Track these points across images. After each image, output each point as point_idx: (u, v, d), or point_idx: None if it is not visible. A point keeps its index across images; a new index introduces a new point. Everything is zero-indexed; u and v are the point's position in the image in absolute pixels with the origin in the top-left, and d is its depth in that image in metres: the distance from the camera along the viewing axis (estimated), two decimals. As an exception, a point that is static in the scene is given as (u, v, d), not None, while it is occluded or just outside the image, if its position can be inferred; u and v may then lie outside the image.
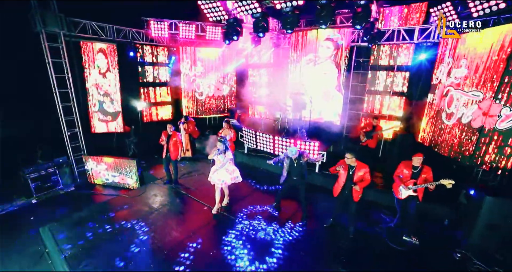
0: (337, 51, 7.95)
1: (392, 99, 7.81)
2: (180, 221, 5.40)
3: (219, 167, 5.25)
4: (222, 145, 5.14)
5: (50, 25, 6.79)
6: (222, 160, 5.20)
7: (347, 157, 4.62)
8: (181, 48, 9.91)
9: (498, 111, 5.26)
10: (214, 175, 5.34)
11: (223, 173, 5.30)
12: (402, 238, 4.90)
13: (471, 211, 4.89)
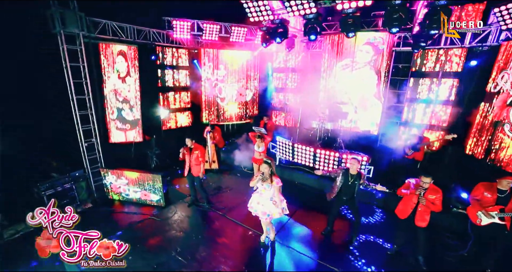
0: (377, 56, 7.34)
1: (437, 108, 7.23)
2: (226, 251, 4.69)
3: (264, 198, 4.32)
4: (268, 169, 4.17)
5: (70, 25, 5.99)
6: (268, 190, 4.25)
7: (424, 181, 4.00)
8: (203, 50, 9.17)
9: None
10: (258, 207, 4.39)
11: (269, 205, 4.32)
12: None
13: None
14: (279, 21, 5.85)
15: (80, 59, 6.49)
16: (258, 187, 4.35)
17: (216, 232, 5.25)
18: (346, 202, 4.74)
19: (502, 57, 6.13)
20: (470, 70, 6.57)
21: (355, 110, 6.98)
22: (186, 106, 9.56)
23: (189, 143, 5.62)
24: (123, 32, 7.24)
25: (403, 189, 4.29)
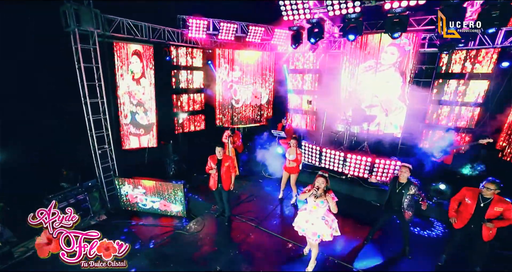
0: (402, 57, 7.06)
1: (464, 109, 7.03)
2: (269, 267, 4.27)
3: (314, 216, 3.81)
4: (324, 183, 3.65)
5: (85, 23, 5.39)
6: (322, 207, 3.71)
7: (488, 187, 3.68)
8: (218, 50, 8.66)
9: None
10: (307, 226, 3.88)
11: (321, 225, 3.79)
12: None
13: None
14: (316, 21, 5.44)
15: (94, 59, 5.88)
16: (308, 203, 3.87)
17: (252, 246, 4.79)
18: (395, 212, 4.40)
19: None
20: (502, 71, 6.36)
21: (386, 113, 6.69)
22: (200, 108, 9.04)
23: (219, 153, 4.93)
24: (138, 30, 6.66)
25: (456, 199, 4.00)
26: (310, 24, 5.61)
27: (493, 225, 3.62)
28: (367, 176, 4.78)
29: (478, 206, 3.76)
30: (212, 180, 5.10)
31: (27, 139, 5.76)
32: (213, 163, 4.97)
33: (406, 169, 4.23)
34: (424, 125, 7.37)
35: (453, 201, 4.06)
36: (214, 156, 4.99)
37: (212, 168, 4.97)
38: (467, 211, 3.83)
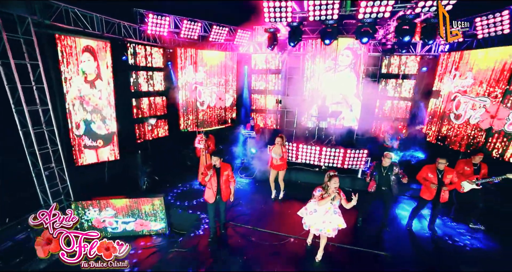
0: (356, 60, 7.74)
1: (400, 103, 8.19)
2: (283, 267, 3.98)
3: (330, 214, 3.80)
4: (338, 183, 3.66)
5: (13, 5, 3.90)
6: (336, 204, 3.78)
7: (441, 162, 4.37)
8: (180, 50, 7.73)
9: (506, 115, 6.07)
10: (326, 225, 3.82)
11: (336, 218, 3.81)
12: (469, 225, 5.05)
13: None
14: (296, 24, 5.33)
15: (27, 54, 4.33)
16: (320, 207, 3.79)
17: (257, 247, 4.41)
18: (385, 192, 4.68)
19: (442, 65, 7.38)
20: (422, 73, 7.68)
21: (350, 108, 7.20)
22: (162, 113, 7.91)
23: (217, 163, 4.22)
24: (88, 22, 5.29)
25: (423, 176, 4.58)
26: (290, 28, 5.51)
27: (447, 188, 4.41)
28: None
29: (438, 177, 4.41)
30: (210, 192, 4.33)
31: None
32: (210, 170, 4.24)
33: (389, 155, 4.58)
34: (374, 117, 8.27)
35: (420, 178, 4.64)
36: (209, 166, 4.28)
37: (206, 175, 4.22)
38: (429, 184, 4.45)
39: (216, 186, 4.29)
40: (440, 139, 7.43)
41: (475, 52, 6.69)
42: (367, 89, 7.88)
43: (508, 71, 5.92)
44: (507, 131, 5.97)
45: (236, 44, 8.60)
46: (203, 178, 4.30)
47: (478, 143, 6.50)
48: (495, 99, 6.19)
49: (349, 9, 4.89)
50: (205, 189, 4.43)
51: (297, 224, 4.97)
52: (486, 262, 4.19)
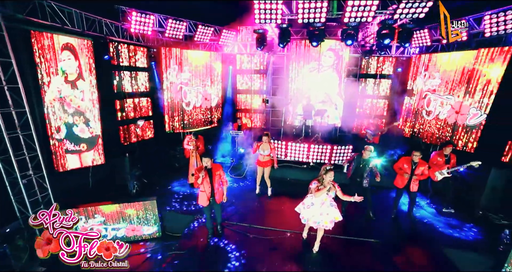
0: (338, 60, 8.03)
1: (378, 102, 8.67)
2: (282, 260, 4.03)
3: (326, 206, 3.94)
4: (332, 176, 3.81)
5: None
6: (331, 196, 3.94)
7: (416, 155, 4.75)
8: (165, 49, 7.44)
9: (467, 111, 6.72)
10: (324, 217, 3.94)
11: (333, 210, 3.97)
12: (443, 209, 5.54)
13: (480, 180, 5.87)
14: (286, 26, 5.38)
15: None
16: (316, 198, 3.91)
17: (256, 244, 4.42)
18: (359, 183, 4.90)
19: (414, 66, 7.96)
20: (398, 73, 8.21)
21: (336, 107, 7.45)
22: (147, 114, 7.56)
23: (208, 164, 4.10)
24: (66, 18, 4.87)
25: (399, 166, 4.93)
26: (279, 29, 5.57)
27: (417, 178, 4.77)
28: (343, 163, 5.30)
29: (412, 168, 4.79)
30: (204, 195, 4.19)
31: None
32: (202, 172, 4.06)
33: (369, 148, 4.84)
34: (356, 115, 8.66)
35: (396, 167, 4.99)
36: (200, 168, 4.14)
37: (197, 177, 4.05)
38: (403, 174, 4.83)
39: (209, 188, 4.16)
40: (414, 134, 8.01)
41: (440, 55, 7.29)
42: (348, 88, 8.23)
43: (467, 73, 6.55)
44: (468, 125, 6.59)
45: (221, 44, 8.49)
46: (195, 181, 4.15)
47: (446, 137, 7.09)
48: (458, 97, 6.81)
49: (335, 13, 5.09)
50: (198, 193, 4.29)
51: (291, 219, 5.08)
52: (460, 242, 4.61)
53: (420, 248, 4.42)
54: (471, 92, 6.51)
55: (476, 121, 6.42)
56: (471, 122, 6.57)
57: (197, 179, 4.10)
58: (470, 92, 6.52)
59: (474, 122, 6.49)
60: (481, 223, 5.15)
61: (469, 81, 6.58)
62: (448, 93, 7.12)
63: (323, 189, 3.81)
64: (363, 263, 4.05)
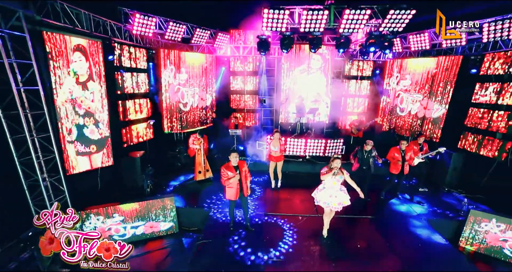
0: (325, 63, 8.91)
1: (360, 100, 9.78)
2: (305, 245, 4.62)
3: (335, 190, 4.38)
4: (340, 163, 4.27)
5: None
6: (340, 181, 4.36)
7: (403, 143, 5.73)
8: (163, 51, 7.57)
9: (432, 106, 8.08)
10: (332, 200, 4.38)
11: (341, 195, 4.41)
12: (419, 189, 6.64)
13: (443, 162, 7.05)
14: (290, 34, 6.00)
15: (12, 52, 3.86)
16: (327, 183, 4.43)
17: (279, 228, 4.96)
18: (365, 170, 5.77)
19: (389, 69, 9.20)
20: (376, 75, 9.39)
21: (327, 105, 8.25)
22: (147, 115, 7.60)
23: (236, 160, 4.31)
24: (78, 20, 4.89)
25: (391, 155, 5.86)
26: (282, 36, 6.19)
27: (407, 163, 5.74)
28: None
29: (402, 155, 5.72)
30: (233, 190, 4.44)
31: None
32: (231, 171, 4.35)
33: (370, 142, 5.70)
34: (341, 112, 9.65)
35: (389, 157, 5.88)
36: (228, 165, 4.37)
37: (233, 176, 4.32)
38: (398, 160, 5.76)
39: (238, 183, 4.43)
40: (391, 128, 9.23)
41: (410, 60, 8.58)
42: (334, 89, 9.17)
43: (431, 75, 7.87)
44: (433, 117, 7.91)
45: (215, 47, 8.83)
46: (226, 180, 4.35)
47: (417, 129, 8.36)
48: (425, 95, 8.12)
49: (332, 24, 5.85)
50: (225, 189, 4.54)
51: (301, 205, 5.71)
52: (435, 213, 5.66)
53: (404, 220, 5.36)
54: (434, 91, 7.83)
55: (439, 113, 7.74)
56: (435, 115, 7.89)
57: (229, 179, 4.30)
58: (434, 91, 7.84)
59: (437, 114, 7.80)
60: (447, 197, 6.32)
61: (432, 82, 7.90)
62: (417, 92, 8.40)
63: (329, 172, 4.29)
64: (365, 234, 4.83)
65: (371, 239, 4.73)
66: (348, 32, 5.89)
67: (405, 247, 4.48)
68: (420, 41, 7.58)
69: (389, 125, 9.31)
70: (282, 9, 5.44)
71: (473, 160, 6.76)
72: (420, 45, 7.73)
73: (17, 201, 4.30)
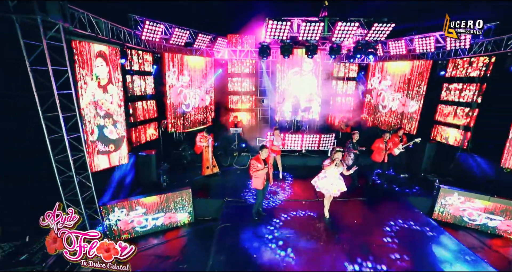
0: (316, 66, 9.84)
1: (347, 99, 10.87)
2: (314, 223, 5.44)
3: (335, 178, 5.10)
4: (341, 155, 4.97)
5: (53, 12, 3.90)
6: (339, 171, 5.05)
7: (386, 135, 6.80)
8: (168, 55, 8.02)
9: (409, 103, 9.31)
10: (333, 187, 5.13)
11: (340, 182, 5.15)
12: (400, 176, 7.77)
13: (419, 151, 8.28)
14: (290, 41, 6.79)
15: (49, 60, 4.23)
16: (328, 172, 5.14)
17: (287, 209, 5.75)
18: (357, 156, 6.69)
19: (371, 70, 10.35)
20: (360, 76, 10.50)
21: (320, 104, 9.12)
22: (153, 116, 8.03)
23: (266, 154, 4.81)
24: (100, 28, 5.31)
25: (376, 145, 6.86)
26: (282, 43, 6.99)
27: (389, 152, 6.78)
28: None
29: (385, 145, 6.75)
30: (260, 180, 4.93)
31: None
32: (260, 163, 4.86)
33: (357, 133, 6.65)
34: (330, 110, 10.66)
35: (374, 147, 6.87)
36: (257, 157, 4.89)
37: (262, 168, 4.83)
38: (382, 150, 6.76)
39: (264, 174, 4.91)
40: (374, 123, 10.39)
41: (390, 63, 9.75)
42: (324, 89, 10.13)
43: (407, 77, 9.07)
44: (410, 112, 9.11)
45: (214, 51, 9.41)
46: (255, 171, 4.85)
47: (398, 124, 9.54)
48: (403, 92, 9.31)
49: (326, 33, 6.73)
50: (253, 179, 5.01)
51: (302, 193, 6.53)
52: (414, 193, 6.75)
53: (389, 200, 6.38)
54: (410, 90, 9.03)
55: (414, 108, 8.93)
56: (411, 110, 9.09)
57: (259, 170, 4.80)
58: (410, 90, 9.04)
59: (413, 109, 8.98)
60: (423, 181, 7.46)
61: (409, 82, 9.09)
62: (396, 91, 9.58)
63: (332, 164, 5.09)
64: (359, 213, 5.75)
65: (365, 216, 5.67)
66: (340, 41, 6.82)
67: (392, 220, 5.44)
68: (398, 46, 8.74)
69: (373, 120, 10.47)
70: (284, 21, 6.24)
71: (443, 149, 8.01)
72: (398, 51, 8.90)
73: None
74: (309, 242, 4.69)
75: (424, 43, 7.91)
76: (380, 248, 4.58)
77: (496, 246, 5.21)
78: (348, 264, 4.14)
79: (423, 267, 4.16)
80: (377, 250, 4.50)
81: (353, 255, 4.34)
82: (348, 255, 4.35)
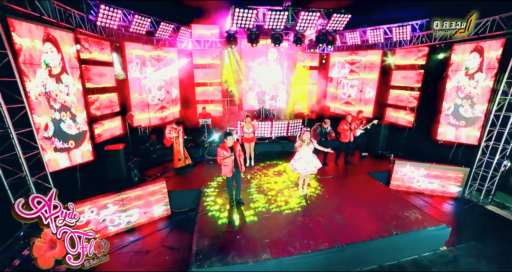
0: (280, 56, 9.98)
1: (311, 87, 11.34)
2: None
3: (310, 156, 5.34)
4: (309, 135, 5.31)
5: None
6: (311, 149, 5.30)
7: (348, 116, 7.28)
8: (128, 44, 7.31)
9: (365, 89, 10.15)
10: (309, 165, 5.34)
11: (315, 160, 5.40)
12: (362, 154, 8.52)
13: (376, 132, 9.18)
14: (255, 29, 6.68)
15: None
16: (302, 151, 5.34)
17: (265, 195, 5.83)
18: (323, 142, 7.07)
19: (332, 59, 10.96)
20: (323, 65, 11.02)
21: (287, 92, 9.27)
22: (116, 110, 7.31)
23: (231, 142, 4.80)
24: (43, 8, 4.55)
25: (341, 127, 7.38)
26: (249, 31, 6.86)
27: (353, 132, 7.30)
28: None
29: (349, 126, 7.28)
30: (228, 168, 4.92)
31: None
32: (227, 151, 4.81)
33: (328, 121, 7.02)
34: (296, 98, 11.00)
35: (339, 129, 7.35)
36: (223, 146, 4.83)
37: (229, 156, 4.79)
38: (347, 131, 7.26)
39: (232, 162, 4.89)
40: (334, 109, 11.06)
41: (346, 53, 10.41)
42: (288, 78, 10.39)
43: (364, 64, 9.82)
44: (367, 98, 9.94)
45: (177, 41, 8.89)
46: (222, 159, 4.78)
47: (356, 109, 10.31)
48: (361, 81, 10.07)
49: (290, 22, 6.85)
50: (221, 167, 4.94)
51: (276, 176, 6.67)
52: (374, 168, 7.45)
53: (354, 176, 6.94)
54: (366, 77, 9.81)
55: (370, 94, 9.76)
56: (368, 96, 9.91)
57: (225, 158, 4.73)
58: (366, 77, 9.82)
59: (369, 95, 9.82)
60: (380, 157, 8.29)
61: (364, 70, 9.85)
62: (354, 79, 10.30)
63: (303, 143, 5.31)
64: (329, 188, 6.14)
65: (334, 190, 6.07)
66: (303, 29, 7.03)
67: (358, 193, 5.93)
68: (354, 37, 9.36)
69: (334, 107, 11.13)
70: (251, 9, 6.16)
71: (395, 128, 8.95)
72: (354, 41, 9.53)
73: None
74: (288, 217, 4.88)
75: (375, 34, 8.62)
76: (351, 216, 4.97)
77: (435, 203, 6.17)
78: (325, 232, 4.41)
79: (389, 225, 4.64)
80: (349, 218, 4.87)
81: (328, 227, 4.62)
82: (324, 225, 4.62)
